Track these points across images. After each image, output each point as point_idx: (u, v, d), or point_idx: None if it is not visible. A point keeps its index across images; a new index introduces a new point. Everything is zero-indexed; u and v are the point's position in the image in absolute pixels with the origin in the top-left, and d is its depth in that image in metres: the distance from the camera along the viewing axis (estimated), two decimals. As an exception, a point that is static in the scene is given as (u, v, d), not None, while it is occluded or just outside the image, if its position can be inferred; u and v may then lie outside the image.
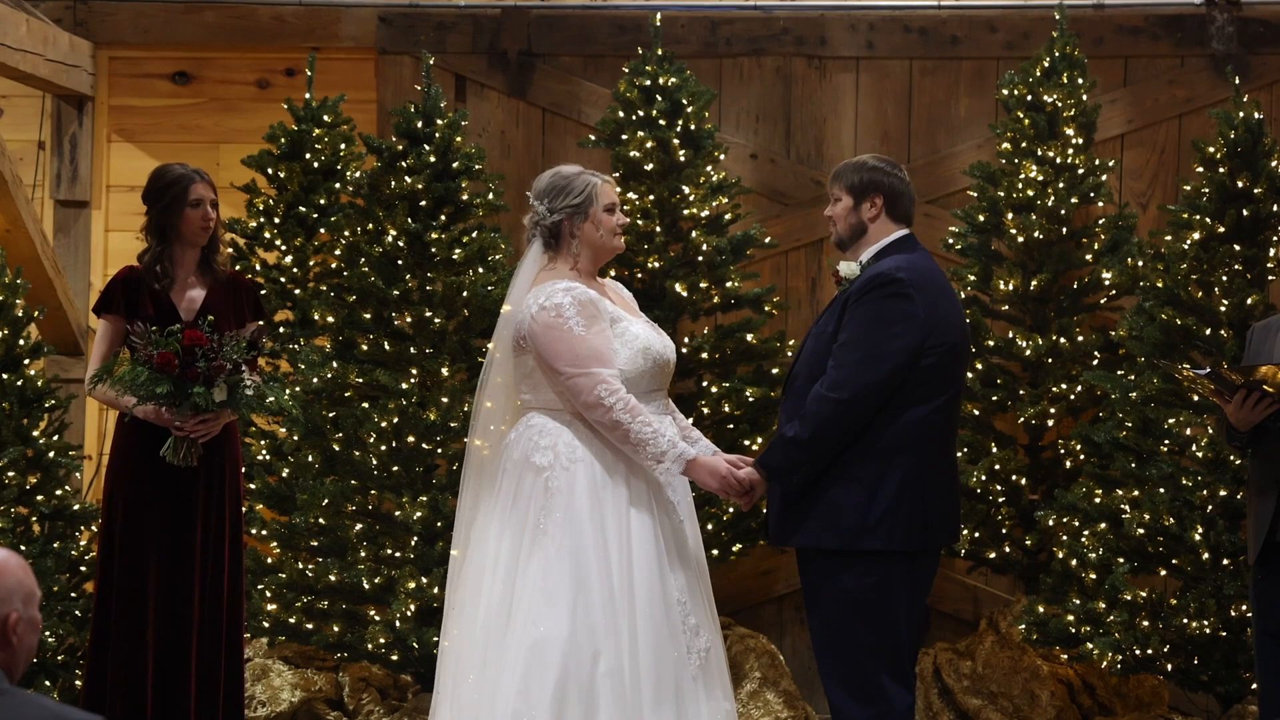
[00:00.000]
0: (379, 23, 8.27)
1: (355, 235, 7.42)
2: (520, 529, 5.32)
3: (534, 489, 5.33)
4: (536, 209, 5.49)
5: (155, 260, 6.12)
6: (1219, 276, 7.10)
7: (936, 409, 5.27)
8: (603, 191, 5.49)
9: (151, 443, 6.02)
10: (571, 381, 5.31)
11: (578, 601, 5.20)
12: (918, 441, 5.24)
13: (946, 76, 8.22)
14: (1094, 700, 7.52)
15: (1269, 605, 5.69)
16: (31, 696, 3.01)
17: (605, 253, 5.55)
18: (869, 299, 5.24)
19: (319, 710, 7.43)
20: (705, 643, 5.35)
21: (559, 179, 5.50)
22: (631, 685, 5.20)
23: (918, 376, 5.23)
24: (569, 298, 5.36)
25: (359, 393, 7.35)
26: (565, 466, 5.32)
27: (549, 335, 5.33)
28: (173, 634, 6.04)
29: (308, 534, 7.32)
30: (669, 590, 5.31)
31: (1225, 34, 8.07)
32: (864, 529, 5.21)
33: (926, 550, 5.33)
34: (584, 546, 5.25)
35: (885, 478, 5.21)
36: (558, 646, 5.17)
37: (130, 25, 8.31)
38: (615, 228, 5.52)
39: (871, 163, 5.44)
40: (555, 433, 5.37)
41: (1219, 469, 7.01)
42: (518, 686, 5.15)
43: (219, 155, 8.28)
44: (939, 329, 5.25)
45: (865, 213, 5.39)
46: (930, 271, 5.35)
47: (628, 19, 8.22)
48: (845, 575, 5.26)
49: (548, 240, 5.48)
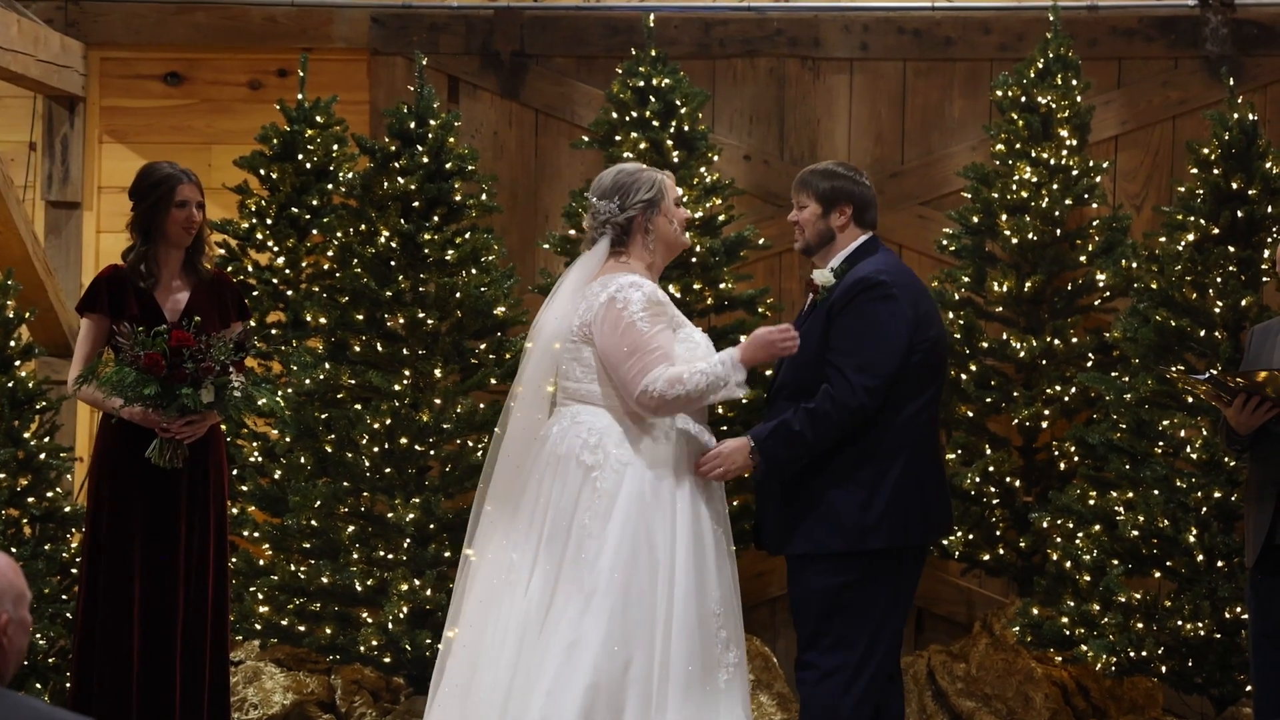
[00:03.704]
0: (371, 23, 8.26)
1: (348, 236, 7.40)
2: (563, 528, 5.28)
3: (581, 488, 5.28)
4: (604, 208, 5.43)
5: (140, 259, 6.09)
6: (1213, 278, 7.10)
7: (925, 404, 5.36)
8: (669, 185, 5.49)
9: (136, 444, 5.99)
10: (630, 376, 5.26)
11: (616, 607, 5.17)
12: (910, 438, 5.32)
13: (940, 78, 8.22)
14: (1088, 702, 7.51)
15: (1267, 607, 5.68)
16: (22, 699, 2.99)
17: (677, 248, 5.55)
18: (856, 305, 5.30)
19: (311, 713, 7.41)
20: (734, 658, 5.32)
21: (624, 176, 5.46)
22: (659, 693, 5.17)
23: (908, 374, 5.31)
24: (639, 293, 5.32)
25: (351, 394, 7.33)
26: (615, 469, 5.27)
27: (615, 327, 5.29)
28: (157, 636, 6.01)
29: (300, 536, 7.30)
30: (706, 601, 5.28)
31: (1219, 36, 8.07)
32: (866, 528, 5.26)
33: (927, 543, 5.44)
34: (630, 551, 5.21)
35: (883, 476, 5.28)
36: (591, 651, 5.14)
37: (122, 26, 8.29)
38: (685, 220, 5.53)
39: (839, 170, 5.51)
40: (604, 431, 5.32)
41: (1213, 471, 7.01)
42: (548, 688, 5.12)
43: (211, 156, 8.26)
44: (922, 325, 5.34)
45: (834, 221, 5.46)
46: (905, 271, 5.47)
47: (621, 20, 8.21)
48: (839, 574, 5.29)
49: (617, 238, 5.43)
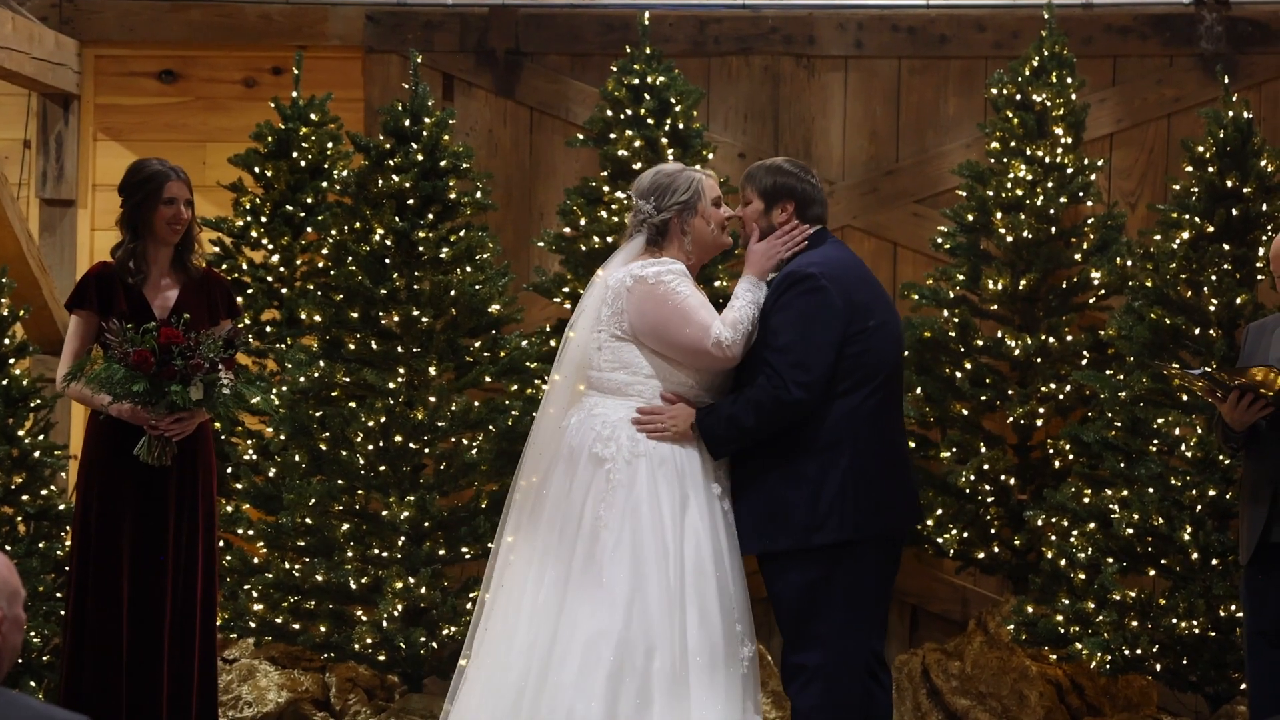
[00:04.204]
0: (366, 21, 8.25)
1: (342, 234, 7.39)
2: (575, 519, 5.30)
3: (594, 479, 5.31)
4: (642, 208, 5.46)
5: (129, 256, 6.08)
6: (1208, 276, 7.10)
7: (871, 395, 5.34)
8: (708, 186, 5.50)
9: (124, 441, 5.98)
10: (696, 337, 5.30)
11: (635, 597, 5.19)
12: (857, 430, 5.32)
13: (935, 76, 8.21)
14: (1083, 700, 7.51)
15: (1261, 605, 5.69)
16: (16, 696, 2.98)
17: (714, 248, 5.57)
18: (786, 299, 5.33)
19: (305, 711, 7.40)
20: (749, 652, 5.35)
21: (662, 177, 5.48)
22: (681, 682, 5.19)
23: (847, 365, 5.31)
24: (663, 267, 5.37)
25: (346, 392, 7.32)
26: (628, 460, 5.30)
27: (660, 301, 5.33)
28: (145, 634, 6.00)
29: (294, 534, 7.29)
30: (726, 593, 5.31)
31: (1214, 33, 8.07)
32: (812, 526, 5.28)
33: (882, 535, 5.37)
34: (644, 542, 5.23)
35: (828, 471, 5.28)
36: (612, 640, 5.16)
37: (116, 23, 8.28)
38: (723, 221, 5.54)
39: (785, 167, 5.54)
40: (618, 424, 5.34)
41: (1208, 469, 7.01)
42: (573, 681, 5.14)
43: (205, 154, 8.26)
44: (859, 315, 5.33)
45: (776, 216, 5.49)
46: (843, 260, 5.45)
47: (615, 18, 8.21)
48: (800, 572, 5.31)
49: (653, 238, 5.46)
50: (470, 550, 7.28)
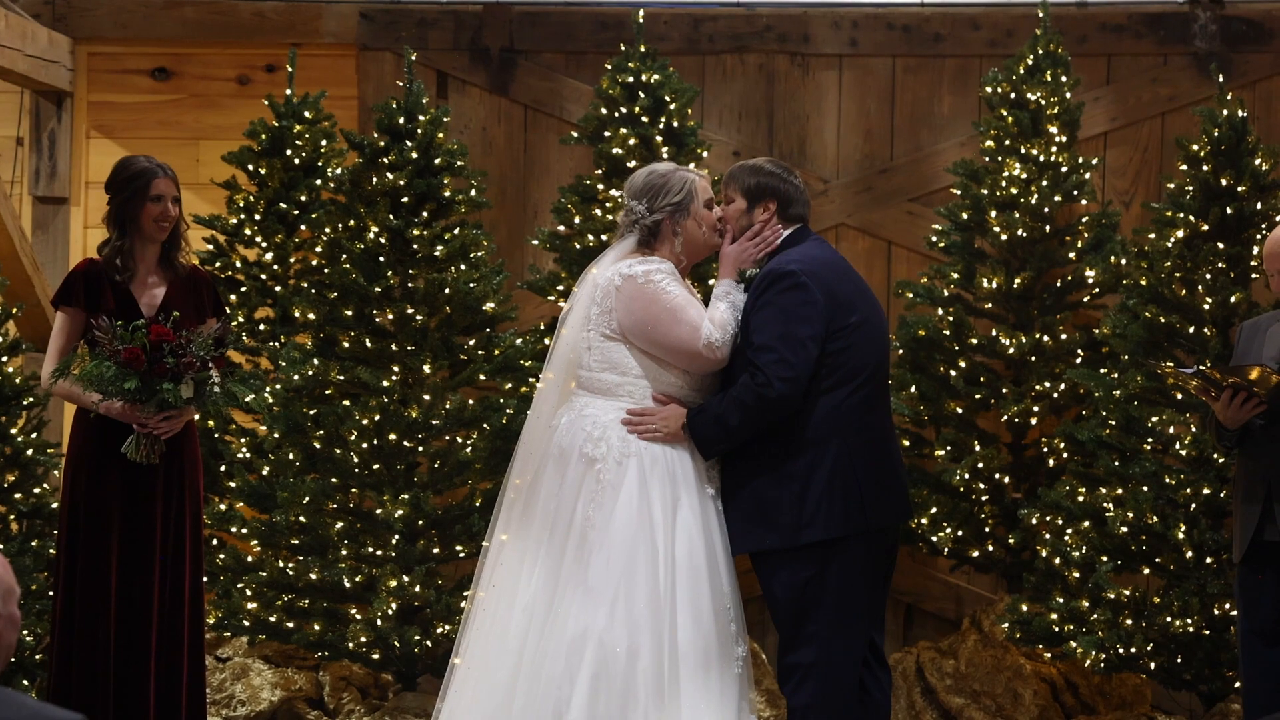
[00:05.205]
0: (360, 19, 8.24)
1: (336, 232, 7.39)
2: (566, 519, 5.30)
3: (585, 479, 5.31)
4: (634, 208, 5.46)
5: (115, 253, 6.05)
6: (1202, 274, 7.10)
7: (855, 391, 5.34)
8: (701, 187, 5.50)
9: (112, 439, 5.96)
10: (686, 336, 5.31)
11: (619, 596, 5.18)
12: (842, 427, 5.31)
13: (929, 74, 8.21)
14: (1077, 699, 7.52)
15: (1255, 603, 5.69)
16: (11, 694, 2.98)
17: (705, 250, 5.56)
18: (767, 297, 5.33)
19: (299, 709, 7.40)
20: (743, 652, 5.34)
21: (655, 177, 5.47)
22: (670, 681, 5.18)
23: (830, 362, 5.31)
24: (651, 265, 5.38)
25: (340, 390, 7.31)
26: (619, 460, 5.30)
27: (648, 300, 5.33)
28: (132, 632, 5.99)
29: (288, 532, 7.29)
30: (719, 592, 5.30)
31: (1208, 32, 8.07)
32: (800, 524, 5.27)
33: (871, 531, 5.36)
34: (632, 541, 5.23)
35: (815, 469, 5.28)
36: (593, 640, 5.15)
37: (110, 21, 8.27)
38: (715, 223, 5.53)
39: (767, 167, 5.54)
40: (608, 425, 5.34)
41: (1202, 467, 7.01)
42: (557, 680, 5.15)
43: (199, 151, 8.24)
44: (840, 311, 5.33)
45: (758, 216, 5.49)
46: (824, 258, 5.44)
47: (610, 15, 8.20)
48: (791, 570, 5.30)
49: (645, 239, 5.46)
50: (464, 549, 7.28)
